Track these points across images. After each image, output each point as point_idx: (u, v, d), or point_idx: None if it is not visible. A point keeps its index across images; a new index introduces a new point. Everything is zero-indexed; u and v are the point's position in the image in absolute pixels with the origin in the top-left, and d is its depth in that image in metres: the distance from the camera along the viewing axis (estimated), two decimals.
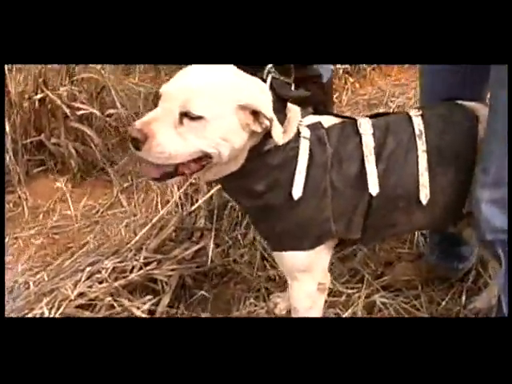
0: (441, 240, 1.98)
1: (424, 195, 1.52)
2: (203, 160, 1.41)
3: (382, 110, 2.77)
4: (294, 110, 1.50)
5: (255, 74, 1.48)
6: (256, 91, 1.41)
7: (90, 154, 2.66)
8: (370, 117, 1.60)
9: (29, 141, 2.68)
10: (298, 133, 1.49)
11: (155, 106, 2.72)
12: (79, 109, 2.56)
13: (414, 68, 3.30)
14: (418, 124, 1.53)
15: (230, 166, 1.45)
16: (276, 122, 1.40)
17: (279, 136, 1.41)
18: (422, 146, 1.51)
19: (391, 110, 2.79)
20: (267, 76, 1.49)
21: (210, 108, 1.34)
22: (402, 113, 1.62)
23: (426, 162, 1.51)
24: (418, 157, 1.51)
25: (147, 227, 2.07)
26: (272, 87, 1.47)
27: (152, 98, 2.83)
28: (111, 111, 2.67)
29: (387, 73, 3.31)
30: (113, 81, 2.71)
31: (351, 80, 3.22)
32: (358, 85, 3.23)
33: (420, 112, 1.56)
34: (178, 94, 1.35)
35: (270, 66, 1.49)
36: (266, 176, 1.47)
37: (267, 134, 1.42)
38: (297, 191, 1.46)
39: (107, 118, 2.64)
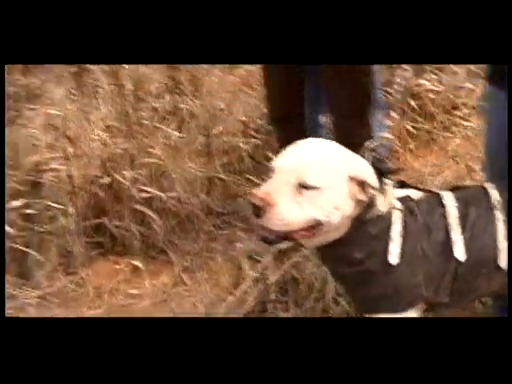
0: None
1: (504, 261, 1.64)
2: (315, 228, 1.53)
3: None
4: (388, 183, 1.65)
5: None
6: (361, 164, 1.57)
7: (151, 236, 2.77)
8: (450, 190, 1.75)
9: (89, 223, 2.80)
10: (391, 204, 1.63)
11: (209, 188, 2.82)
12: (143, 191, 2.70)
13: (444, 149, 3.51)
14: (496, 196, 1.69)
15: (335, 233, 1.57)
16: (379, 193, 1.54)
17: (382, 205, 1.56)
18: (499, 215, 1.66)
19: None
20: (365, 153, 1.66)
21: (324, 179, 1.48)
22: (478, 186, 1.78)
23: (504, 230, 1.65)
24: (496, 226, 1.65)
25: (232, 300, 2.16)
26: (372, 162, 1.63)
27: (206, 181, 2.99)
28: (172, 194, 2.81)
29: (418, 154, 3.50)
30: (172, 165, 2.86)
31: None
32: None
33: (494, 185, 1.73)
34: (293, 167, 1.50)
35: (369, 145, 1.66)
36: (366, 245, 1.59)
37: (368, 205, 1.56)
38: (394, 259, 1.58)
39: (170, 201, 2.77)
